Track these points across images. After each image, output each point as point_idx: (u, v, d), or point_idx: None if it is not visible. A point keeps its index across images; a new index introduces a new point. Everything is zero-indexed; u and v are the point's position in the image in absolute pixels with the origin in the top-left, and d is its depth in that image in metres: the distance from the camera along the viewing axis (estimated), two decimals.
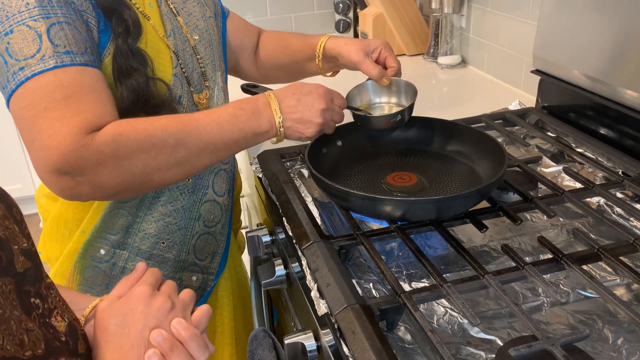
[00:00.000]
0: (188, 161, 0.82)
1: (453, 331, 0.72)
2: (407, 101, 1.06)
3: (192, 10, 0.99)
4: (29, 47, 0.75)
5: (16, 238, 0.49)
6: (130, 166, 0.78)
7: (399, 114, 1.02)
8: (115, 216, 0.93)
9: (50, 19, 0.76)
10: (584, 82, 1.14)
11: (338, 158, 1.04)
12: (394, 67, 1.07)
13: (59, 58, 0.76)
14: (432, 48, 1.77)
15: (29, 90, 0.75)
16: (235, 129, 0.84)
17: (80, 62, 0.78)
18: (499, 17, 1.52)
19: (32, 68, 0.75)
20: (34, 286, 0.48)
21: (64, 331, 0.51)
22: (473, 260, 0.78)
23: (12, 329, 0.42)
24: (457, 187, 0.97)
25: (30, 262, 0.49)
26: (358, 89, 1.08)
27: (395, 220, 0.88)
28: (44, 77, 0.75)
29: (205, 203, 0.99)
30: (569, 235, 0.89)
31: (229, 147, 0.86)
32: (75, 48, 0.77)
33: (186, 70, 0.93)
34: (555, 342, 0.63)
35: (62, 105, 0.75)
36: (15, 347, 0.42)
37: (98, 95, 0.78)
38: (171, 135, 0.79)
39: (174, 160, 0.80)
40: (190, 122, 0.82)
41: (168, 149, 0.79)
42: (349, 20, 1.99)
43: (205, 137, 0.82)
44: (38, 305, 0.48)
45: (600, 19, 1.07)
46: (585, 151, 1.10)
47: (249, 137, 0.86)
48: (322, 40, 1.10)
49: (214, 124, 0.83)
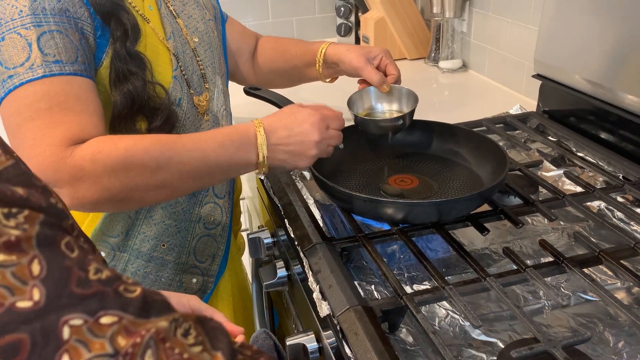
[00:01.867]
0: (169, 185, 0.80)
1: (454, 333, 0.73)
2: (408, 108, 1.07)
3: (191, 13, 0.99)
4: (19, 56, 0.75)
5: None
6: (108, 184, 0.76)
7: (400, 118, 1.02)
8: (115, 219, 0.93)
9: (42, 27, 0.76)
10: (585, 87, 1.15)
11: (340, 160, 1.05)
12: (394, 74, 1.08)
13: (48, 67, 0.75)
14: (433, 52, 1.78)
15: (16, 99, 0.75)
16: (221, 159, 0.82)
17: (69, 72, 0.77)
18: (500, 21, 1.53)
19: (21, 77, 0.75)
20: None
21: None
22: (474, 262, 0.78)
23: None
24: (458, 190, 0.98)
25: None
26: (360, 94, 1.09)
27: (397, 223, 0.88)
28: (32, 87, 0.75)
29: (205, 205, 0.99)
30: (569, 238, 0.89)
31: (214, 176, 0.84)
32: (65, 57, 0.77)
33: (186, 72, 0.93)
34: (557, 345, 0.63)
35: (46, 115, 0.75)
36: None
37: (85, 106, 0.78)
38: (152, 158, 0.78)
39: (153, 183, 0.79)
40: (173, 147, 0.80)
41: (147, 172, 0.78)
42: (351, 24, 2.00)
43: (187, 164, 0.80)
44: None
45: (601, 24, 1.08)
46: (586, 155, 1.11)
47: (236, 168, 0.85)
48: (322, 47, 1.11)
49: (199, 152, 0.81)
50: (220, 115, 1.01)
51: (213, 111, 0.98)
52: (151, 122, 0.85)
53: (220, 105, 1.01)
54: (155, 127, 0.86)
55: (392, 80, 1.07)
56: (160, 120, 0.85)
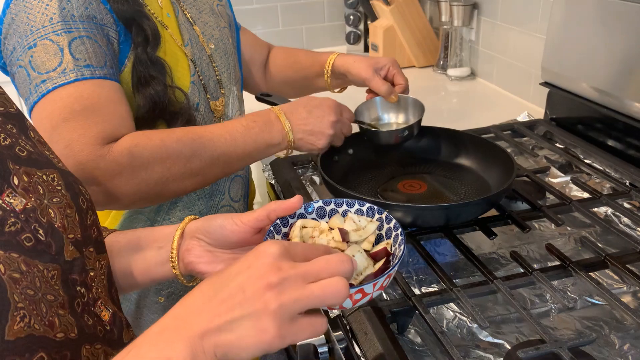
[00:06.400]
0: (202, 172, 0.84)
1: (462, 335, 0.74)
2: (414, 118, 1.08)
3: (207, 20, 1.01)
4: (51, 61, 0.78)
5: (74, 227, 0.51)
6: (146, 177, 0.80)
7: (406, 129, 1.04)
8: (134, 221, 0.95)
9: (72, 33, 0.79)
10: (592, 95, 1.16)
11: (349, 165, 1.06)
12: (402, 84, 1.09)
13: (79, 71, 0.78)
14: (441, 60, 1.80)
15: (50, 102, 0.78)
16: (248, 140, 0.87)
17: (100, 76, 0.80)
18: (508, 30, 1.54)
19: (54, 81, 0.77)
20: (81, 275, 0.51)
21: (109, 320, 0.53)
22: (482, 266, 0.80)
23: (41, 311, 0.44)
24: (466, 195, 0.99)
25: (79, 253, 0.51)
26: (366, 105, 1.10)
27: (406, 227, 0.89)
28: (65, 90, 0.78)
29: (221, 208, 1.01)
30: (576, 243, 0.90)
31: (241, 159, 0.88)
32: (95, 62, 0.80)
33: (203, 78, 0.95)
34: (563, 345, 0.64)
35: (80, 116, 0.78)
36: (44, 327, 0.44)
37: (115, 108, 0.81)
38: (186, 145, 0.82)
39: (188, 171, 0.83)
40: (204, 134, 0.84)
41: (183, 160, 0.82)
42: (360, 33, 2.02)
43: (219, 148, 0.84)
44: (83, 293, 0.50)
45: (608, 32, 1.10)
46: (593, 162, 1.12)
47: (262, 148, 0.89)
48: (330, 58, 1.13)
49: (227, 135, 0.85)
50: None
51: (228, 116, 1.01)
52: (170, 126, 0.88)
53: (235, 111, 1.03)
54: None
55: (400, 90, 1.09)
56: (179, 124, 0.88)
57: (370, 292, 0.50)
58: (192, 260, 0.60)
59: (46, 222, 0.48)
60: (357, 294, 0.49)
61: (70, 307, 0.47)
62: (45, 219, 0.48)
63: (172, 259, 0.62)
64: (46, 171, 0.51)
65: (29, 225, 0.46)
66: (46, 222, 0.48)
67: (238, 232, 0.59)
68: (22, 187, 0.48)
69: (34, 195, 0.48)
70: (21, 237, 0.45)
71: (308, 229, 0.59)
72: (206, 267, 0.59)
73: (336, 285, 0.43)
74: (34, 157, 0.51)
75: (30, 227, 0.46)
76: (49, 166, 0.52)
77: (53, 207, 0.49)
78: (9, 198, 0.46)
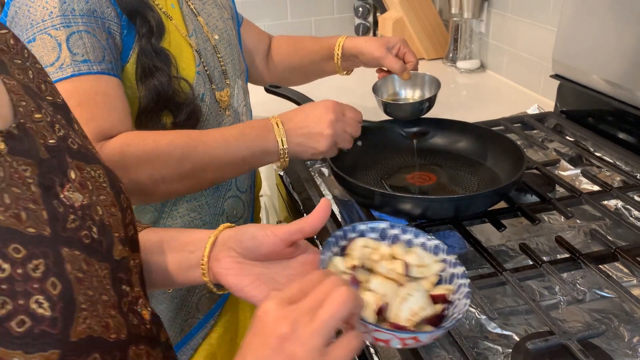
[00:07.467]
0: (193, 175, 0.83)
1: (470, 326, 0.74)
2: (430, 93, 1.11)
3: (211, 11, 1.02)
4: (49, 55, 0.78)
5: (118, 226, 0.50)
6: (136, 176, 0.79)
7: (426, 101, 1.07)
8: (142, 212, 0.95)
9: (71, 27, 0.79)
10: (603, 87, 1.15)
11: (358, 157, 1.06)
12: (413, 61, 1.11)
13: (76, 67, 0.79)
14: (451, 52, 1.79)
15: None
16: (242, 145, 0.85)
17: (97, 71, 0.80)
18: (519, 22, 1.53)
19: (51, 76, 0.77)
20: (126, 274, 0.50)
21: (149, 319, 0.53)
22: (491, 257, 0.80)
23: (99, 312, 0.43)
24: (476, 187, 0.99)
25: (126, 252, 0.51)
26: (384, 81, 1.13)
27: (415, 218, 0.89)
28: (61, 85, 0.78)
29: (228, 199, 1.02)
30: (586, 236, 0.90)
31: (235, 164, 0.86)
32: (93, 57, 0.80)
33: (208, 68, 0.95)
34: (572, 337, 0.64)
35: (75, 112, 0.76)
36: (101, 329, 0.43)
37: (112, 104, 0.81)
38: (177, 148, 0.81)
39: (178, 174, 0.82)
40: (197, 137, 0.83)
41: (173, 162, 0.81)
42: (369, 24, 2.01)
43: (210, 152, 0.83)
44: (128, 292, 0.50)
45: (619, 24, 1.09)
46: (603, 155, 1.11)
47: (257, 154, 0.87)
48: (339, 40, 1.14)
49: (221, 139, 0.84)
50: (240, 111, 1.03)
51: (234, 107, 1.01)
52: (176, 117, 0.88)
53: (240, 102, 1.03)
54: (180, 122, 0.88)
55: (411, 67, 1.11)
56: (185, 115, 0.88)
57: (424, 340, 0.48)
58: (220, 271, 0.59)
59: (98, 220, 0.47)
60: (410, 340, 0.47)
61: (119, 307, 0.47)
62: (97, 217, 0.47)
63: (203, 267, 0.61)
64: (94, 166, 0.50)
65: (84, 222, 0.45)
66: (98, 219, 0.47)
67: (269, 243, 0.58)
68: (77, 182, 0.46)
69: (86, 191, 0.47)
70: (80, 234, 0.44)
71: (368, 249, 0.57)
72: (233, 280, 0.58)
73: (339, 297, 0.43)
74: (83, 151, 0.50)
75: (86, 224, 0.45)
76: (95, 161, 0.51)
77: (100, 205, 0.48)
78: (69, 193, 0.45)
